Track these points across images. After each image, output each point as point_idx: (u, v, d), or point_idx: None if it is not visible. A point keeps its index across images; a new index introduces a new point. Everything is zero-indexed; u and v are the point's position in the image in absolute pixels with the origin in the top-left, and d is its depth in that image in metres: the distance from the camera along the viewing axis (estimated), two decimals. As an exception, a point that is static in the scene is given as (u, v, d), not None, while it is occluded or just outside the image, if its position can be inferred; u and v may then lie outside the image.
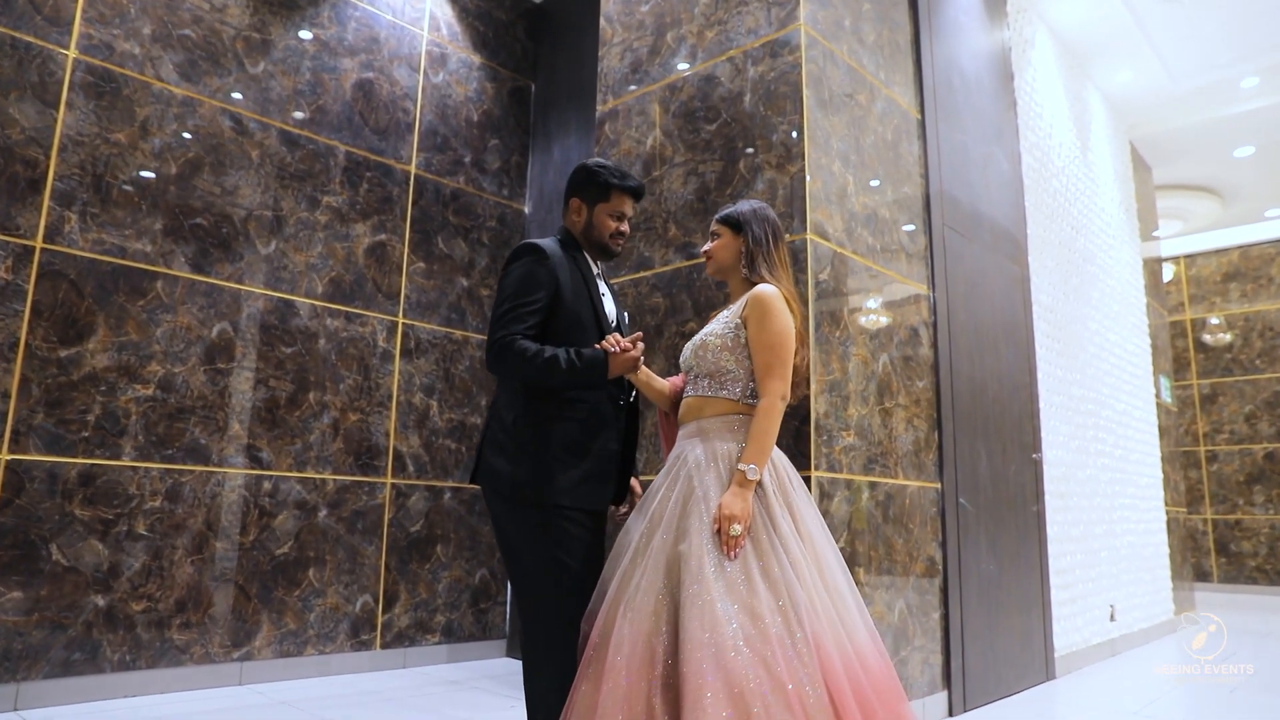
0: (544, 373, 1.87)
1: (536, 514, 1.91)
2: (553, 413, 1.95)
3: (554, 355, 1.88)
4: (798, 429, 2.65)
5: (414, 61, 4.14)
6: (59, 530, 2.91)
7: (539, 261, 2.00)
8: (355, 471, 3.70)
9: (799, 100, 2.83)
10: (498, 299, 1.98)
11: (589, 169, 2.15)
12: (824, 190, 2.85)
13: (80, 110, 3.09)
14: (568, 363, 1.87)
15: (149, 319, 3.17)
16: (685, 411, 2.02)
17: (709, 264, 2.14)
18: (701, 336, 2.04)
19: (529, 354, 1.88)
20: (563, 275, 2.02)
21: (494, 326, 1.95)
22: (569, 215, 2.15)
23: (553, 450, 1.93)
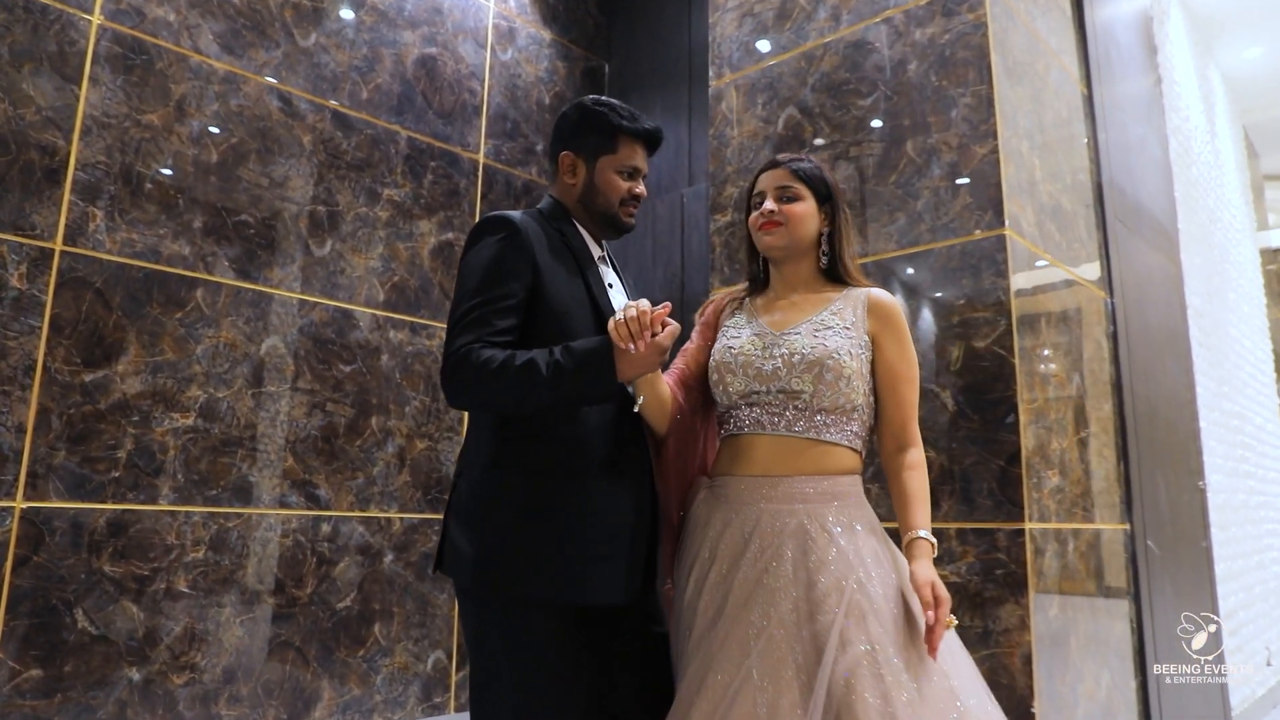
0: (517, 388, 1.30)
1: (516, 614, 1.35)
2: (528, 457, 1.38)
3: (529, 361, 1.30)
4: (1003, 471, 2.13)
5: (480, 36, 3.63)
6: (85, 592, 2.40)
7: (508, 241, 1.42)
8: (424, 508, 3.19)
9: (985, 68, 2.31)
10: (456, 292, 1.43)
11: (587, 109, 1.55)
12: (1016, 176, 2.33)
13: (106, 86, 2.58)
14: (551, 367, 1.30)
15: (187, 334, 2.67)
16: (765, 458, 1.45)
17: (776, 232, 1.53)
18: (814, 347, 1.45)
19: (492, 365, 1.31)
20: (543, 258, 1.44)
21: (449, 336, 1.39)
22: (560, 178, 1.57)
23: (526, 516, 1.36)
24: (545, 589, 1.35)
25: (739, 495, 1.44)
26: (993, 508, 2.13)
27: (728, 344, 1.53)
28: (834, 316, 1.53)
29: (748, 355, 1.49)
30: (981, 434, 2.18)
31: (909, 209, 2.40)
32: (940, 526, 2.20)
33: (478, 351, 1.33)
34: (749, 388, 1.47)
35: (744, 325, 1.56)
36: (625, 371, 1.32)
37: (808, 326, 1.52)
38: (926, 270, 2.33)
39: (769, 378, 1.46)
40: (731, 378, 1.48)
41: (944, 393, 2.25)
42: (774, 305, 1.58)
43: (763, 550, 1.38)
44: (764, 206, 1.55)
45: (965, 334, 2.24)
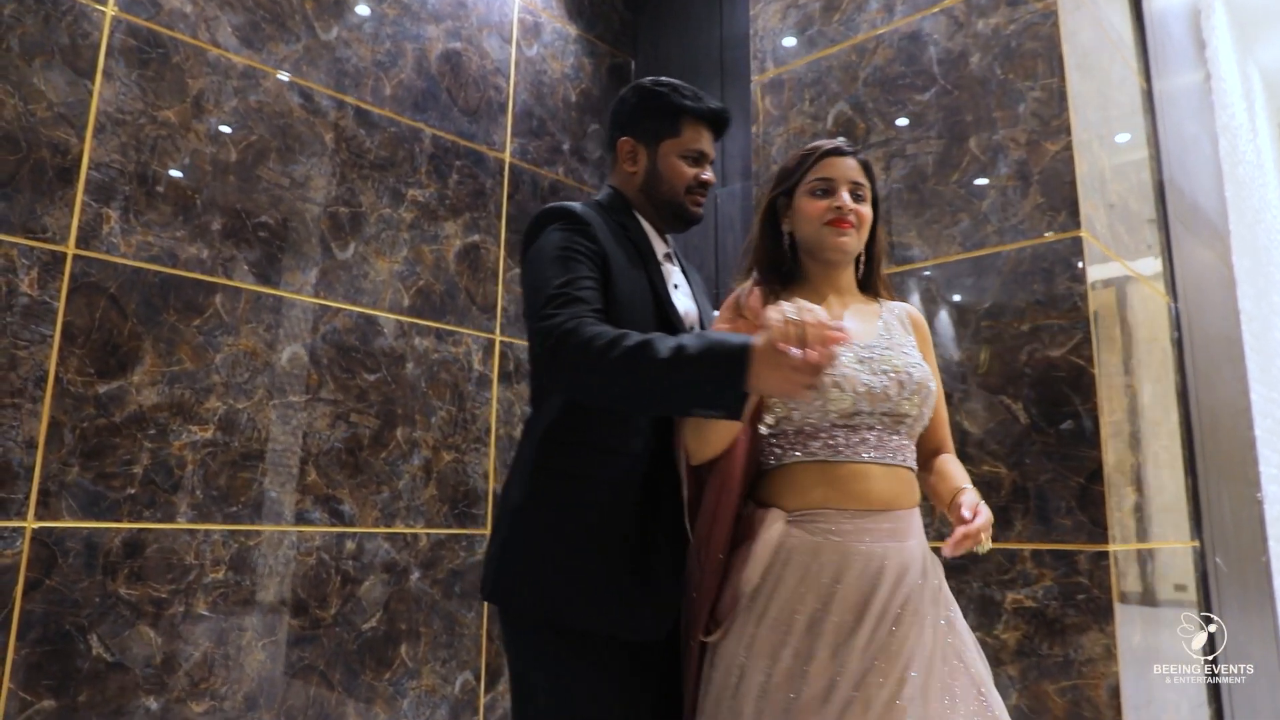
0: (629, 370, 1.12)
1: (556, 644, 1.27)
2: (574, 476, 1.29)
3: (645, 340, 1.12)
4: (1083, 489, 2.00)
5: (505, 31, 3.49)
6: (100, 616, 2.27)
7: (573, 228, 1.31)
8: (451, 523, 3.05)
9: (1056, 59, 2.18)
10: (530, 283, 1.28)
11: (646, 89, 1.45)
12: (1089, 175, 2.20)
13: (121, 81, 2.45)
14: (673, 350, 1.10)
15: (206, 342, 2.53)
16: (881, 489, 1.30)
17: (851, 234, 1.38)
18: (915, 367, 1.34)
19: (600, 341, 1.14)
20: (610, 248, 1.33)
21: (539, 315, 1.22)
22: (619, 166, 1.45)
23: (571, 542, 1.28)
24: (589, 620, 1.27)
25: (854, 533, 1.26)
26: (1072, 528, 2.00)
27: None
28: (898, 333, 1.42)
29: (854, 370, 1.31)
30: (1058, 449, 2.04)
31: (973, 210, 2.26)
32: (1013, 547, 2.07)
33: (586, 326, 1.18)
34: (856, 407, 1.30)
35: None
36: (764, 382, 1.07)
37: (887, 341, 1.39)
38: (994, 274, 2.20)
39: (878, 398, 1.30)
40: (837, 394, 1.29)
41: (1015, 404, 2.12)
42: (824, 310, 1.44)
43: (906, 600, 1.24)
44: (840, 199, 1.39)
45: (1037, 342, 2.11)
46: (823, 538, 1.27)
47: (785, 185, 1.44)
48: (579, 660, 1.29)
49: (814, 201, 1.40)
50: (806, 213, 1.41)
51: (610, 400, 1.22)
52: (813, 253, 1.43)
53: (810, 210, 1.40)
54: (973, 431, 2.16)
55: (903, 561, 1.28)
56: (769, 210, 1.46)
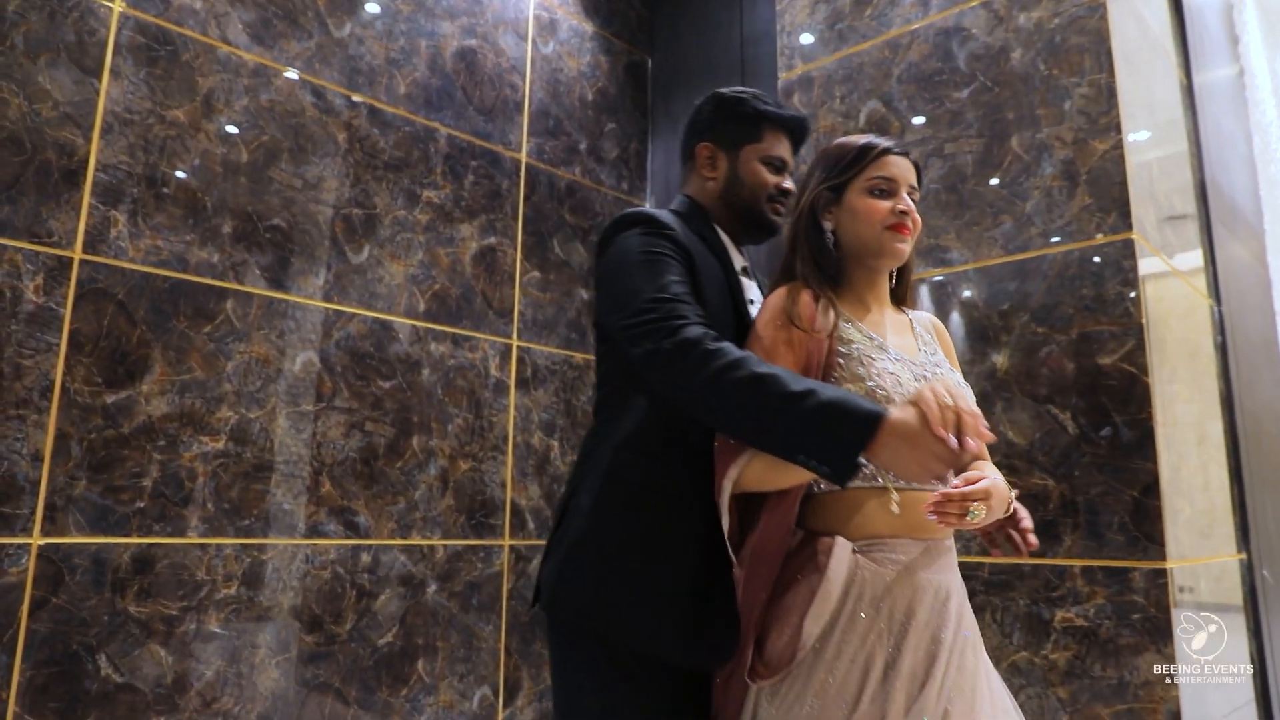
0: (750, 395, 1.07)
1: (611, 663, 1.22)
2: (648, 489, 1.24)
3: (774, 373, 1.06)
4: (1137, 503, 1.91)
5: (521, 28, 3.41)
6: (109, 635, 2.18)
7: (657, 232, 1.25)
8: (468, 533, 2.97)
9: (1104, 54, 2.09)
10: (618, 287, 1.22)
11: (727, 96, 1.42)
12: (1140, 174, 2.11)
13: (129, 80, 2.36)
14: (802, 394, 1.04)
15: (217, 350, 2.45)
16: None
17: (909, 242, 1.31)
18: (962, 385, 1.28)
19: (729, 358, 1.08)
20: (701, 262, 1.28)
21: (640, 318, 1.15)
22: (696, 172, 1.41)
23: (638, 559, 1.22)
24: (648, 642, 1.22)
25: (923, 563, 1.18)
26: (1126, 544, 1.91)
27: (887, 369, 1.23)
28: (929, 346, 1.36)
29: (915, 390, 1.20)
30: (1109, 461, 1.95)
31: (1016, 211, 2.17)
32: (1062, 563, 1.98)
33: (709, 337, 1.12)
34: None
35: (871, 344, 1.27)
36: (895, 457, 1.04)
37: (933, 357, 1.32)
38: (1039, 278, 2.11)
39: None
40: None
41: (1062, 414, 2.03)
42: (871, 319, 1.33)
43: (958, 631, 1.17)
44: (904, 202, 1.30)
45: (1086, 349, 2.02)
46: (892, 569, 1.18)
47: (835, 180, 1.33)
48: (633, 683, 1.24)
49: (875, 201, 1.31)
50: (865, 213, 1.31)
51: (716, 417, 1.16)
52: (864, 256, 1.33)
53: (872, 210, 1.30)
54: (1018, 442, 2.07)
55: (960, 591, 1.24)
56: (812, 205, 1.36)
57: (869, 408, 1.05)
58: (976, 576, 2.09)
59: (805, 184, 1.37)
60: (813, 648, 1.16)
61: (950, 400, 1.04)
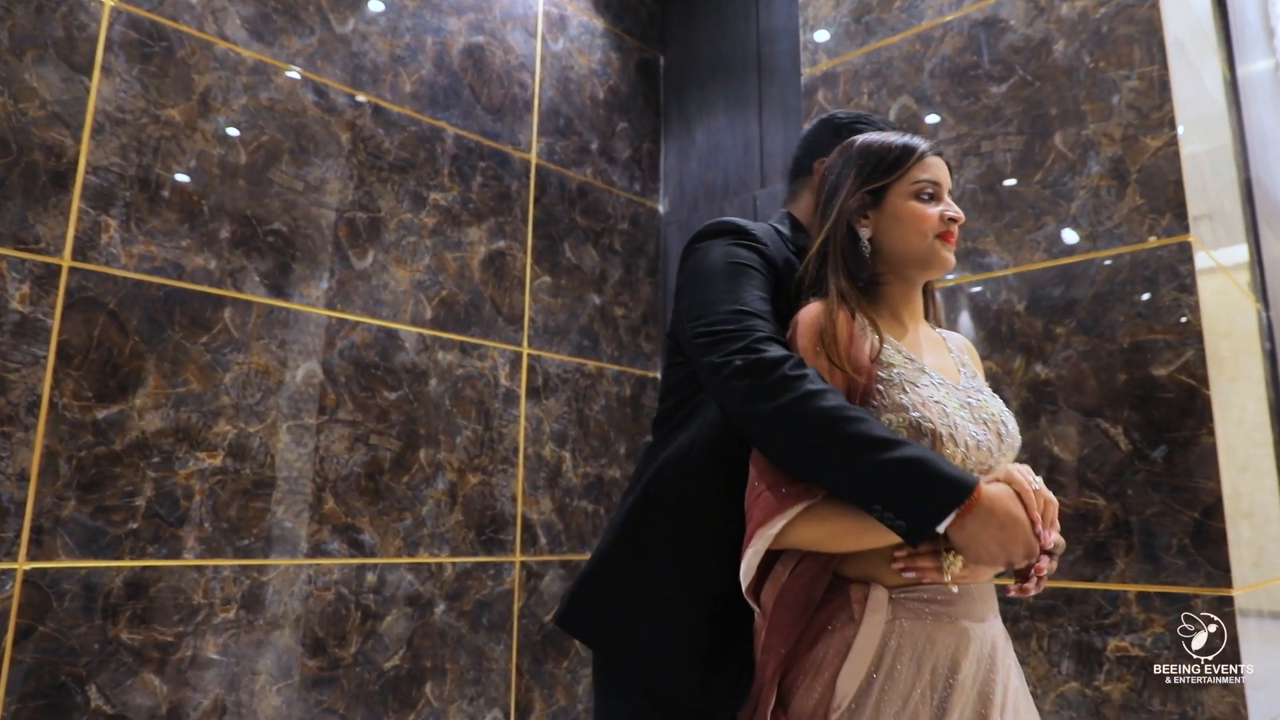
0: (831, 431, 0.98)
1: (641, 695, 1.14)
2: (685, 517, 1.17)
3: (863, 416, 0.98)
4: (1198, 525, 1.78)
5: (530, 24, 3.29)
6: (100, 664, 2.06)
7: (747, 244, 1.19)
8: (478, 550, 2.85)
9: (1156, 44, 1.96)
10: (695, 298, 1.13)
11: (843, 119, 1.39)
12: (1194, 172, 1.98)
13: (121, 77, 2.25)
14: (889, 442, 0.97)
15: (214, 361, 2.33)
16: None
17: (952, 248, 1.20)
18: (1002, 417, 1.15)
19: (813, 389, 1.00)
20: (789, 282, 1.23)
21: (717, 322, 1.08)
22: (808, 189, 1.37)
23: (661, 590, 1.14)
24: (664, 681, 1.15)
25: (966, 610, 1.06)
26: (1185, 568, 1.78)
27: (931, 396, 1.09)
28: (967, 369, 1.24)
29: (963, 421, 1.09)
30: (1167, 479, 1.82)
31: (1060, 212, 2.05)
32: (1115, 588, 1.85)
33: (795, 364, 1.03)
34: (964, 464, 1.08)
35: (912, 366, 1.13)
36: (973, 534, 0.96)
37: (975, 382, 1.20)
38: (1085, 284, 1.98)
39: (982, 454, 1.09)
40: (952, 450, 1.06)
41: (1114, 428, 1.90)
42: (909, 338, 1.20)
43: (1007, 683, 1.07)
44: (952, 209, 1.19)
45: (1139, 359, 1.89)
46: (933, 619, 1.05)
47: (876, 182, 1.20)
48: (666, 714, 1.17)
49: (924, 207, 1.18)
50: (914, 219, 1.18)
51: (783, 447, 1.05)
52: (907, 267, 1.20)
53: (921, 217, 1.17)
54: (1065, 458, 1.95)
55: (1004, 635, 1.13)
56: (848, 211, 1.22)
57: (961, 473, 0.97)
58: (1020, 600, 1.96)
59: (834, 187, 1.24)
60: (848, 708, 1.03)
61: (1039, 484, 0.98)
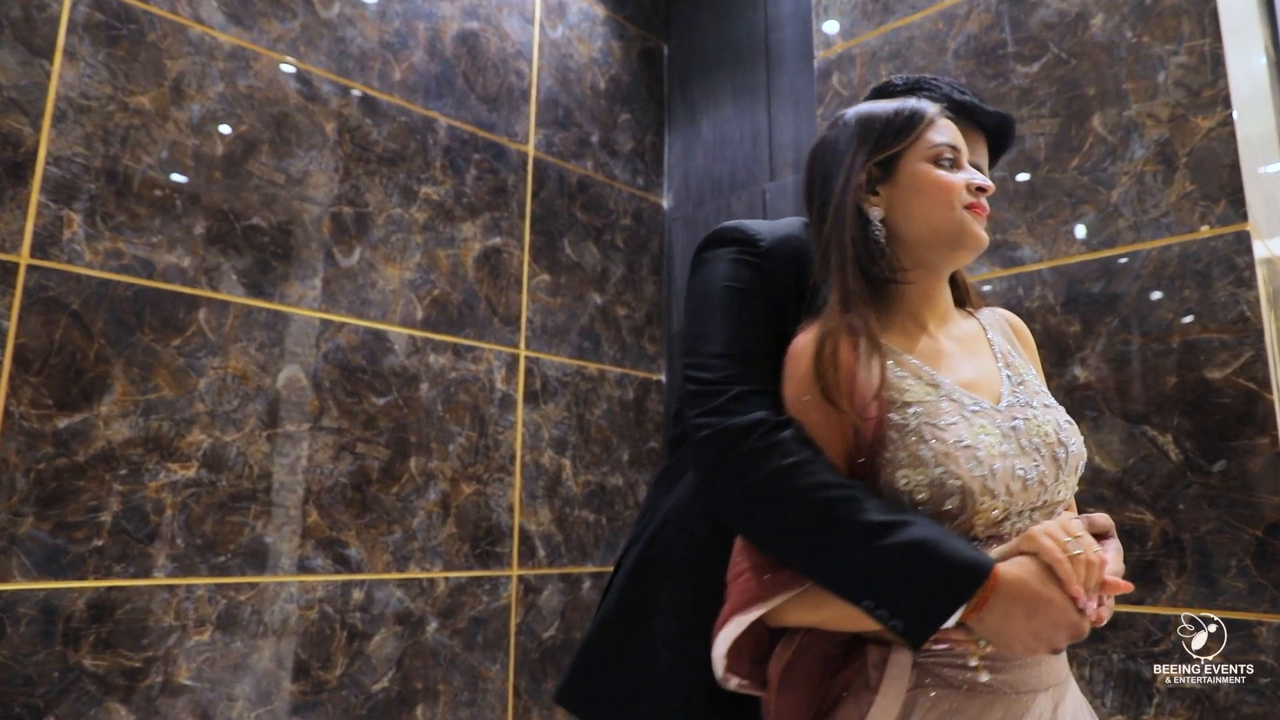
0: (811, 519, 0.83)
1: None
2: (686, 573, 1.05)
3: (851, 497, 0.83)
4: (1260, 544, 1.61)
5: (527, 10, 3.13)
6: (60, 694, 1.91)
7: (752, 260, 1.00)
8: (472, 564, 2.69)
9: (1209, 16, 1.79)
10: (690, 328, 0.98)
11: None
12: (1251, 155, 1.81)
13: (86, 62, 2.09)
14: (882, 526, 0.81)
15: (188, 365, 2.17)
16: None
17: (984, 216, 1.00)
18: (1068, 428, 0.95)
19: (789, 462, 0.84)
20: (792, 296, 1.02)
21: (701, 366, 0.93)
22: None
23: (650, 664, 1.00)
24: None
25: (1010, 675, 0.87)
26: (1246, 592, 1.61)
27: (961, 440, 0.88)
28: (1017, 361, 1.03)
29: (1005, 459, 0.89)
30: (1224, 493, 1.66)
31: (1100, 200, 1.88)
32: (1165, 611, 1.68)
33: (770, 428, 0.87)
34: (1008, 511, 0.89)
35: (937, 395, 0.92)
36: (1002, 625, 0.79)
37: (1022, 386, 0.99)
38: (1129, 279, 1.82)
39: (1033, 491, 0.90)
40: (989, 502, 0.87)
41: (1163, 437, 1.73)
42: (931, 348, 0.98)
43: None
44: (976, 177, 0.98)
45: (1191, 361, 1.72)
46: (969, 687, 0.87)
47: (885, 149, 0.98)
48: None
49: (946, 174, 0.97)
50: (935, 187, 0.96)
51: (760, 532, 0.89)
52: (930, 249, 0.98)
53: (945, 184, 0.96)
54: (1108, 469, 1.78)
55: (1073, 692, 0.94)
56: (854, 190, 0.99)
57: (973, 557, 0.80)
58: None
59: (832, 166, 1.01)
60: None
61: (1080, 542, 0.78)
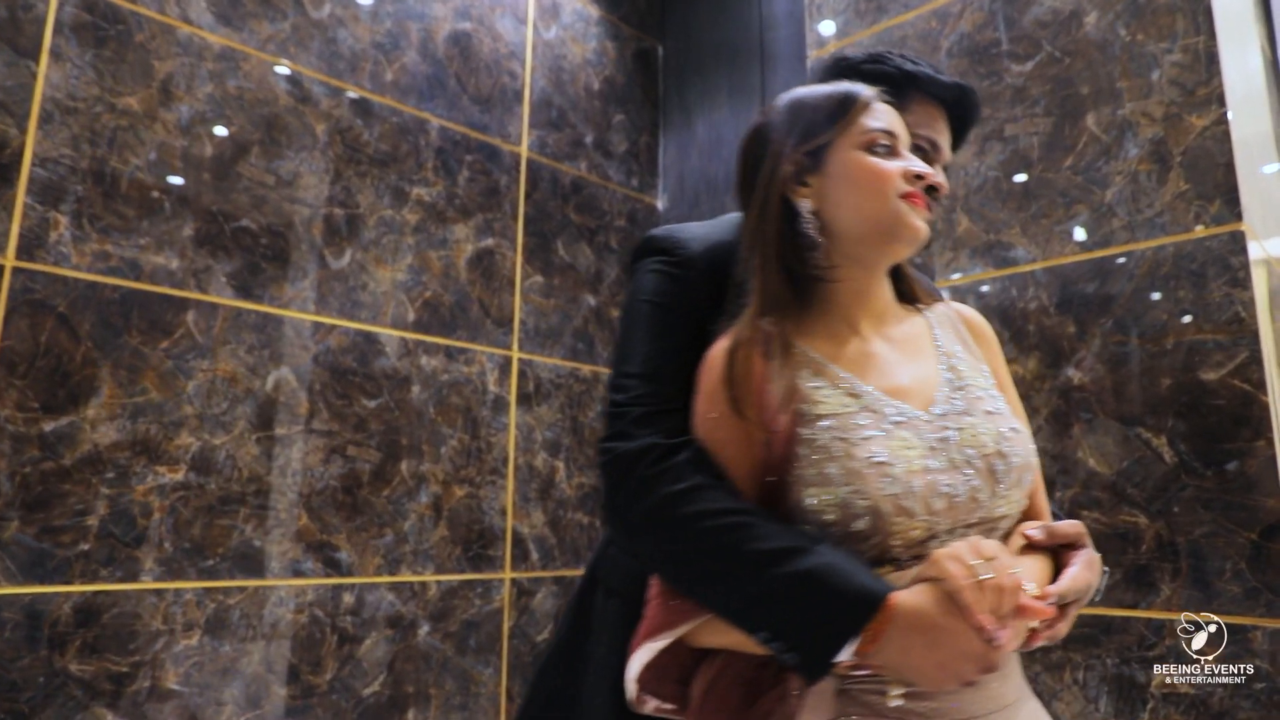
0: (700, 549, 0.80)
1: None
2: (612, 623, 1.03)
3: (745, 519, 0.80)
4: (1256, 547, 1.59)
5: (520, 11, 3.12)
6: (45, 699, 1.89)
7: (675, 270, 0.97)
8: (465, 567, 2.67)
9: (1202, 13, 1.78)
10: (620, 334, 0.97)
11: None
12: (1246, 154, 1.80)
13: (73, 63, 2.08)
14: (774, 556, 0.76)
15: (176, 368, 2.16)
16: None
17: (923, 207, 0.93)
18: (1011, 437, 0.88)
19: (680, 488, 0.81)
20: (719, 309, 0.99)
21: (615, 388, 0.92)
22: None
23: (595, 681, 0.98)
24: None
25: (959, 706, 0.79)
26: (1242, 596, 1.59)
27: (874, 455, 0.81)
28: (963, 359, 0.94)
29: (926, 476, 0.81)
30: (1219, 496, 1.64)
31: (1093, 200, 1.86)
32: (1159, 615, 1.67)
33: (661, 453, 0.84)
34: (933, 530, 0.82)
35: (855, 406, 0.85)
36: (904, 657, 0.74)
37: (959, 390, 0.90)
38: (1123, 279, 1.80)
39: (963, 508, 0.83)
40: (903, 522, 0.80)
41: (1157, 439, 1.72)
42: (859, 352, 0.92)
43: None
44: (915, 163, 0.93)
45: (1185, 362, 1.70)
46: (898, 716, 0.79)
47: (814, 138, 0.93)
48: None
49: (879, 161, 0.91)
50: (867, 176, 0.91)
51: (655, 563, 0.87)
52: (862, 244, 0.92)
53: (877, 172, 0.91)
54: (1102, 471, 1.76)
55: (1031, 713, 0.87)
56: (781, 182, 0.94)
57: (865, 587, 0.74)
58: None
59: (757, 156, 0.98)
60: None
61: (991, 564, 0.72)
